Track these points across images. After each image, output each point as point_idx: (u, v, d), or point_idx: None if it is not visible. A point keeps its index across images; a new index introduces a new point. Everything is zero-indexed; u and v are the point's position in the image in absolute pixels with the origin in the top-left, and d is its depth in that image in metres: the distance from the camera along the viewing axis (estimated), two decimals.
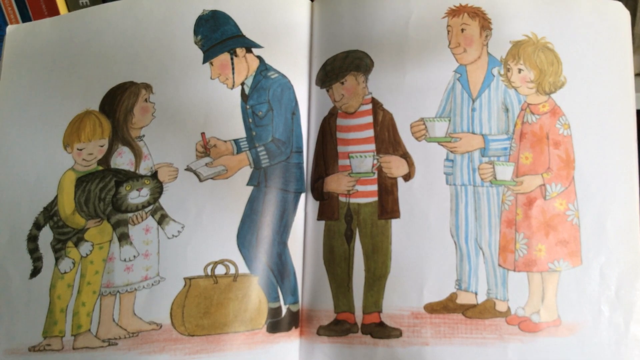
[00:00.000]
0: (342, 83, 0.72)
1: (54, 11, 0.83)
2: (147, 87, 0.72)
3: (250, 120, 0.71)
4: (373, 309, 0.67)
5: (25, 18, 0.84)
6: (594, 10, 0.72)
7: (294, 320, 0.68)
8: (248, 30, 0.73)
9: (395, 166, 0.69)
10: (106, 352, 0.66)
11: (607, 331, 0.65)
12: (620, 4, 0.72)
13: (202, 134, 0.70)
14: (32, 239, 0.70)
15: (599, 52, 0.71)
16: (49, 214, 0.70)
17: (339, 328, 0.67)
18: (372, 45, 0.72)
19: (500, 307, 0.66)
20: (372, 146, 0.70)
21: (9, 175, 0.72)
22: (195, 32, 0.73)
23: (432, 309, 0.66)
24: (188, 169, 0.70)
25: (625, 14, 0.72)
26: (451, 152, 0.69)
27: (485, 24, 0.72)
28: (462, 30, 0.72)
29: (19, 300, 0.68)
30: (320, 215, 0.70)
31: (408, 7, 0.72)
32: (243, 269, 0.67)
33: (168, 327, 0.65)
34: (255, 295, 0.67)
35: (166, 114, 0.72)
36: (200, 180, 0.70)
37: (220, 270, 0.67)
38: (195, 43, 0.73)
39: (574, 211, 0.68)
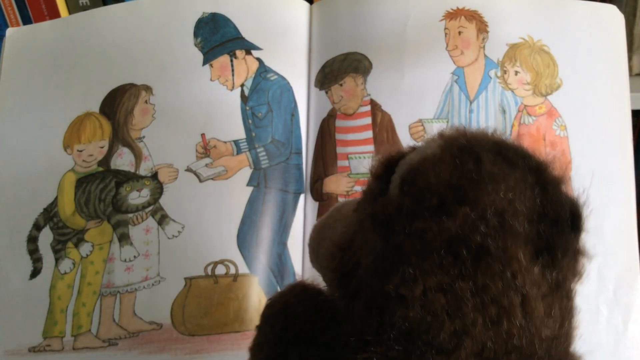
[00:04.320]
0: (341, 85, 0.72)
1: (54, 12, 0.83)
2: (147, 88, 0.73)
3: (250, 121, 0.71)
4: None
5: (26, 19, 0.84)
6: (589, 14, 0.73)
7: None
8: (247, 33, 0.74)
9: None
10: (106, 352, 0.65)
11: (605, 331, 0.65)
12: (615, 8, 0.73)
13: (202, 135, 0.71)
14: (32, 239, 0.69)
15: (594, 55, 0.72)
16: (49, 215, 0.70)
17: None
18: (370, 47, 0.72)
19: None
20: (371, 147, 0.70)
21: (9, 176, 0.72)
22: (195, 34, 0.74)
23: None
24: (188, 169, 0.70)
25: (619, 18, 0.73)
26: None
27: (482, 27, 0.72)
28: (460, 32, 0.72)
29: (19, 301, 0.68)
30: (320, 216, 0.70)
31: (406, 10, 0.73)
32: (243, 269, 0.67)
33: (168, 327, 0.65)
34: (255, 295, 0.67)
35: (166, 116, 0.72)
36: (201, 181, 0.70)
37: (220, 270, 0.67)
38: (195, 45, 0.74)
39: None
